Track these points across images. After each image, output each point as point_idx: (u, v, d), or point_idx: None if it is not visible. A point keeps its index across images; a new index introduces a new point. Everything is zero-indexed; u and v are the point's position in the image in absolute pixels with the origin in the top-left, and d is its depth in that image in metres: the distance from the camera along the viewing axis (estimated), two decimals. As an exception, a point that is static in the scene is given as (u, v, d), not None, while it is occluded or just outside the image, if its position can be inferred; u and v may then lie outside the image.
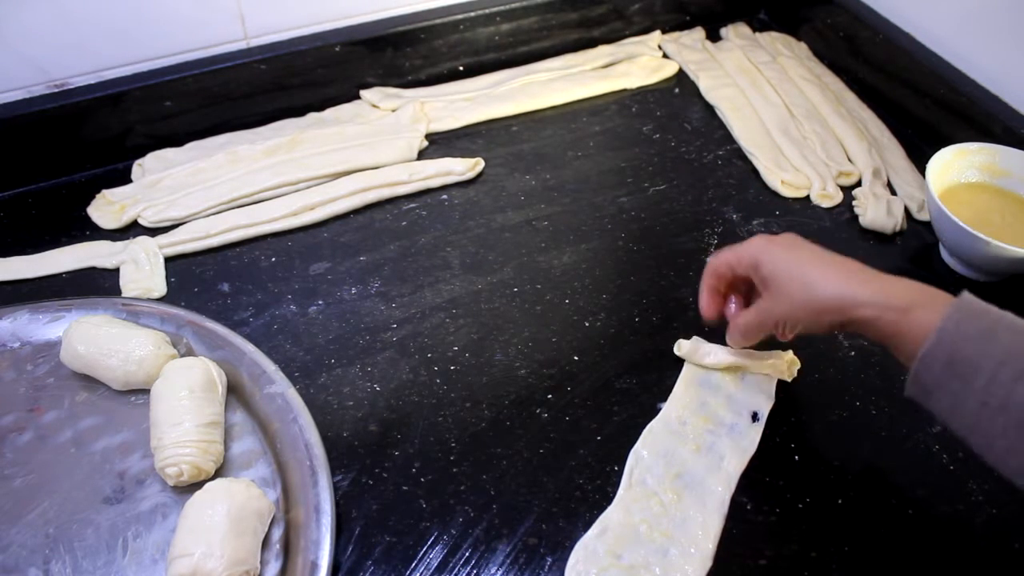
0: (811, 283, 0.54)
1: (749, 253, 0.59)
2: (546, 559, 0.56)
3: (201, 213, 0.79)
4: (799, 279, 0.55)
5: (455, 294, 0.73)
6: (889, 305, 0.51)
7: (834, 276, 0.54)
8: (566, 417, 0.64)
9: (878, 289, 0.53)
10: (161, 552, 0.55)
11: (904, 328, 0.51)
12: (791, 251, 0.57)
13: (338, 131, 0.88)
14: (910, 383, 0.51)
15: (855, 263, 0.56)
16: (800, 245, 0.58)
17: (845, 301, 0.53)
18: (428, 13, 0.93)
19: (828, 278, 0.54)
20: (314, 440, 0.59)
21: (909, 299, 0.51)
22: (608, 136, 0.91)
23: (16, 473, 0.59)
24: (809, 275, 0.55)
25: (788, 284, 0.56)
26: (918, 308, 0.50)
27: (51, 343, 0.67)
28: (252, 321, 0.71)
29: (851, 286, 0.53)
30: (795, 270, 0.55)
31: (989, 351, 0.46)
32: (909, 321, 0.50)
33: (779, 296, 0.56)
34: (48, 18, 0.78)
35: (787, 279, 0.56)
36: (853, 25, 0.97)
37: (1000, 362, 0.46)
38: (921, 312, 0.50)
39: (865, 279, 0.54)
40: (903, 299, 0.51)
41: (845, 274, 0.54)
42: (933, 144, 0.79)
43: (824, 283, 0.54)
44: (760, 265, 0.57)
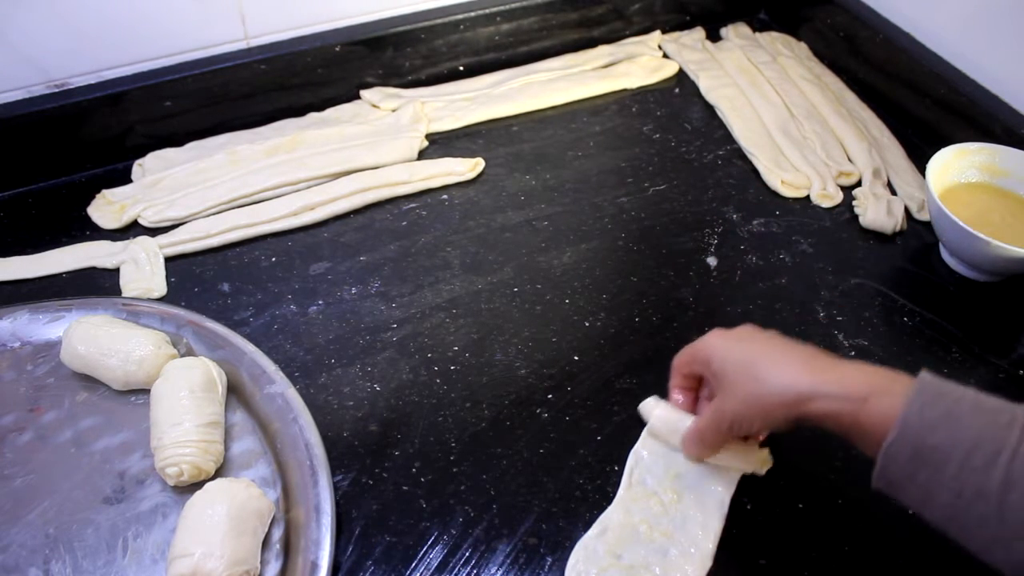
0: (760, 377, 0.51)
1: (702, 350, 0.56)
2: (546, 559, 0.56)
3: (201, 213, 0.79)
4: (748, 374, 0.52)
5: (455, 294, 0.73)
6: (845, 396, 0.48)
7: (785, 368, 0.50)
8: (566, 417, 0.64)
9: (832, 379, 0.49)
10: (161, 552, 0.55)
11: (864, 419, 0.47)
12: (743, 344, 0.54)
13: (338, 131, 0.88)
14: (876, 477, 0.46)
15: (811, 350, 0.52)
16: (753, 337, 0.55)
17: (797, 394, 0.49)
18: (428, 13, 0.93)
19: (778, 371, 0.50)
20: (314, 440, 0.59)
21: (866, 387, 0.48)
22: (608, 136, 0.91)
23: (16, 473, 0.59)
24: (758, 368, 0.51)
25: (737, 380, 0.52)
26: (876, 396, 0.47)
27: (51, 343, 0.67)
28: (252, 321, 0.71)
29: (803, 378, 0.49)
30: (744, 364, 0.52)
31: (957, 437, 0.43)
32: (868, 411, 0.47)
33: (729, 394, 0.53)
34: (48, 18, 0.78)
35: (736, 375, 0.52)
36: (853, 25, 0.97)
37: (970, 448, 0.43)
38: (880, 400, 0.47)
39: (818, 368, 0.50)
40: (860, 388, 0.48)
41: (797, 365, 0.50)
42: (933, 144, 0.79)
43: (774, 377, 0.50)
44: (711, 362, 0.55)
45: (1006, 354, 0.70)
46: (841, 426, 0.48)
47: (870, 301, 0.74)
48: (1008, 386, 0.67)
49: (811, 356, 0.52)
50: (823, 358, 0.51)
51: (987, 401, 0.45)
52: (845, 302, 0.73)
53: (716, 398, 0.54)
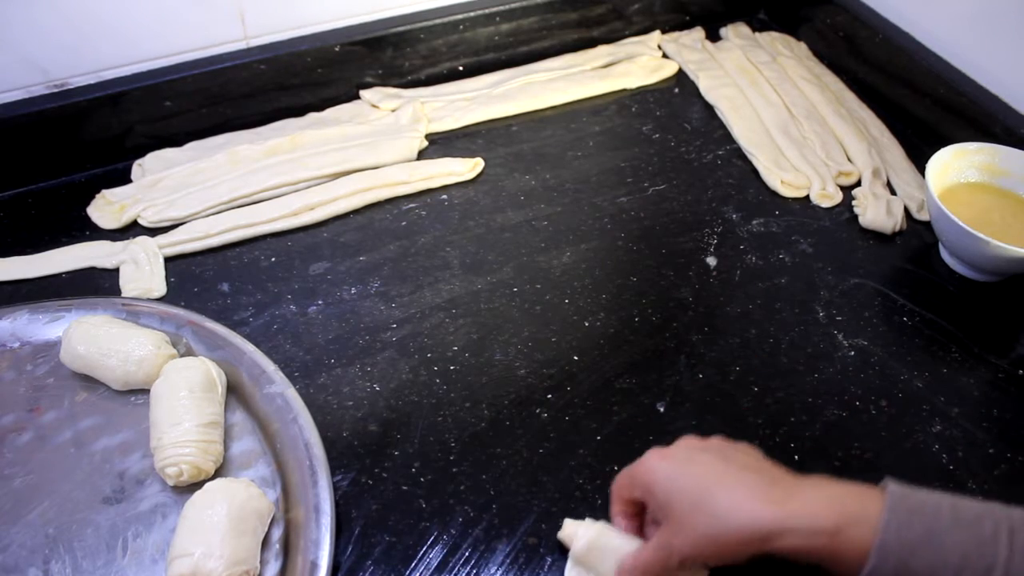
0: (715, 513, 0.46)
1: (641, 475, 0.50)
2: (546, 559, 0.56)
3: (201, 213, 0.79)
4: (700, 508, 0.46)
5: (455, 294, 0.73)
6: (816, 530, 0.44)
7: (742, 500, 0.45)
8: (566, 417, 0.64)
9: (798, 510, 0.44)
10: (161, 552, 0.55)
11: (838, 552, 0.43)
12: (689, 468, 0.48)
13: (338, 131, 0.88)
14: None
15: (766, 470, 0.48)
16: (696, 458, 0.49)
17: (760, 532, 0.44)
18: (428, 13, 0.93)
19: (735, 504, 0.45)
20: (314, 440, 0.59)
21: (836, 515, 0.44)
22: (608, 136, 0.91)
23: (16, 473, 0.59)
24: (712, 501, 0.46)
25: (687, 514, 0.47)
26: (849, 526, 0.43)
27: (51, 343, 0.67)
28: (252, 321, 0.71)
29: (765, 511, 0.45)
30: (694, 496, 0.47)
31: (941, 558, 0.41)
32: (842, 544, 0.43)
33: (678, 529, 0.47)
34: (48, 18, 0.78)
35: (686, 508, 0.47)
36: (853, 25, 0.97)
37: (957, 570, 0.41)
38: (854, 530, 0.43)
39: (780, 498, 0.45)
40: (829, 517, 0.44)
41: (755, 495, 0.46)
42: (933, 144, 0.79)
43: (731, 512, 0.45)
44: (654, 491, 0.49)
45: (1006, 354, 0.70)
46: (814, 559, 0.45)
47: (870, 301, 0.74)
48: (1007, 386, 0.67)
49: (769, 481, 0.47)
50: (783, 481, 0.47)
51: (965, 509, 0.43)
52: (845, 302, 0.73)
53: (663, 529, 0.48)
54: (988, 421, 0.65)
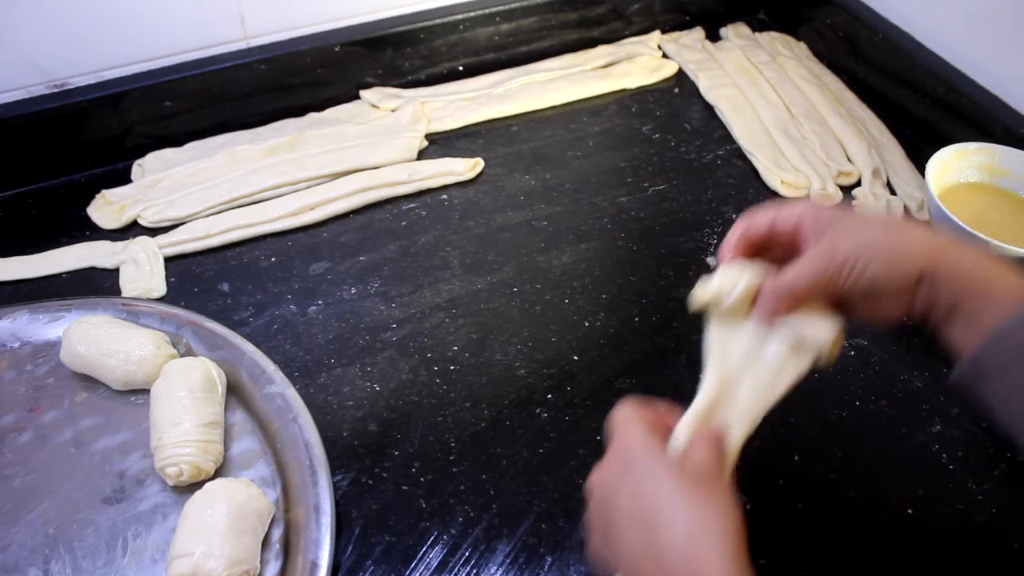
0: (888, 225, 0.47)
1: (798, 209, 0.48)
2: (546, 559, 0.56)
3: (201, 213, 0.79)
4: (871, 222, 0.46)
5: (455, 294, 0.73)
6: (982, 260, 0.43)
7: (915, 227, 0.46)
8: (566, 417, 0.64)
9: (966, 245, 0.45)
10: (161, 552, 0.55)
11: (995, 289, 0.42)
12: (850, 212, 0.48)
13: (338, 131, 0.88)
14: (970, 362, 0.43)
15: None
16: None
17: (935, 244, 0.44)
18: (428, 13, 0.93)
19: (908, 226, 0.47)
20: (314, 440, 0.59)
21: (996, 262, 0.44)
22: (608, 136, 0.91)
23: (16, 473, 0.59)
24: (882, 223, 0.47)
25: (858, 223, 0.46)
26: (1009, 272, 0.43)
27: (51, 343, 0.67)
28: (252, 321, 0.71)
29: (937, 236, 0.45)
30: (862, 219, 0.47)
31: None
32: (1000, 280, 0.42)
33: (847, 232, 0.45)
34: (48, 18, 0.78)
35: (856, 220, 0.46)
36: (853, 25, 0.97)
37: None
38: (1012, 276, 0.43)
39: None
40: (991, 261, 0.44)
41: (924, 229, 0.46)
42: (932, 144, 0.79)
43: (905, 227, 0.46)
44: (816, 218, 0.47)
45: (1006, 354, 0.70)
46: (967, 291, 0.43)
47: (870, 301, 0.74)
48: (1008, 386, 0.67)
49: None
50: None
51: None
52: (845, 302, 0.73)
53: (821, 244, 0.46)
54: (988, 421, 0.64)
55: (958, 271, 0.43)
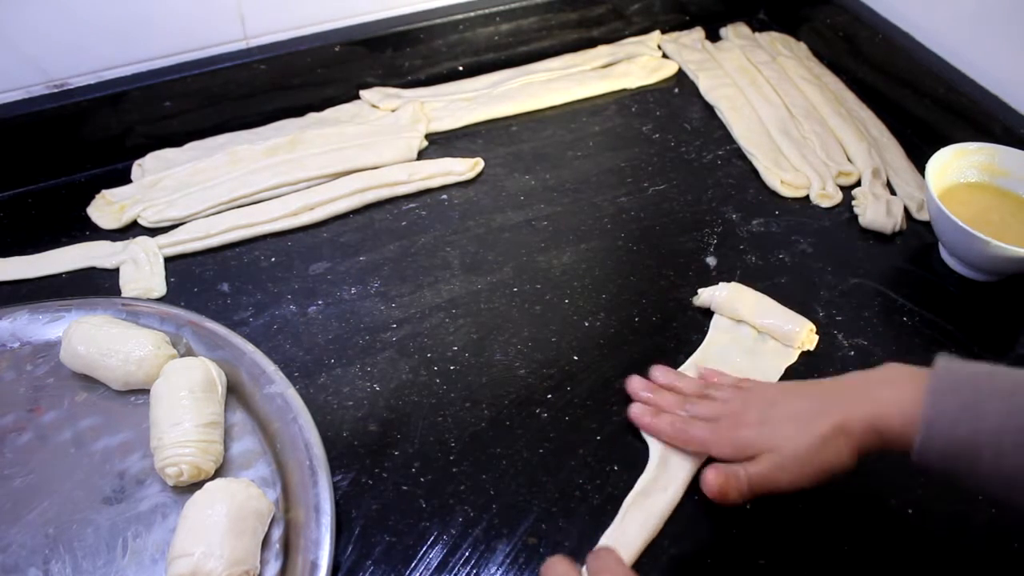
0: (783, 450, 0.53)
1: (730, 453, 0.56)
2: (546, 559, 0.56)
3: (201, 213, 0.79)
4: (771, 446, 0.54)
5: (455, 294, 0.73)
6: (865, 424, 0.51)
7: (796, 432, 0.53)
8: (566, 417, 0.64)
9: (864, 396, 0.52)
10: (161, 552, 0.55)
11: (886, 432, 0.50)
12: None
13: (338, 131, 0.88)
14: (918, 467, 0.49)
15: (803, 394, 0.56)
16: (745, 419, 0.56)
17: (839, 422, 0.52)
18: (428, 13, 0.93)
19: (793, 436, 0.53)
20: (314, 440, 0.59)
21: (871, 405, 0.51)
22: (608, 136, 0.91)
23: (16, 473, 0.59)
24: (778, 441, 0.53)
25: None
26: (885, 413, 0.50)
27: (51, 343, 0.67)
28: (252, 321, 0.71)
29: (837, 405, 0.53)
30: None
31: (981, 428, 0.45)
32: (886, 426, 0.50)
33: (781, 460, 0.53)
34: (48, 18, 0.78)
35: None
36: (853, 25, 0.97)
37: (995, 435, 0.45)
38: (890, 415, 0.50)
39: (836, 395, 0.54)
40: (865, 408, 0.51)
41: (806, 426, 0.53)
42: (932, 144, 0.79)
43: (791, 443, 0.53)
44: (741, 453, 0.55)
45: (1005, 354, 0.70)
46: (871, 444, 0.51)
47: (869, 301, 0.74)
48: (1007, 386, 0.67)
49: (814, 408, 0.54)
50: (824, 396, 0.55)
51: (1002, 378, 0.47)
52: (844, 302, 0.73)
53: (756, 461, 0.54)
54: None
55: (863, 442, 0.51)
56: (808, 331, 0.69)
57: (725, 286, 0.71)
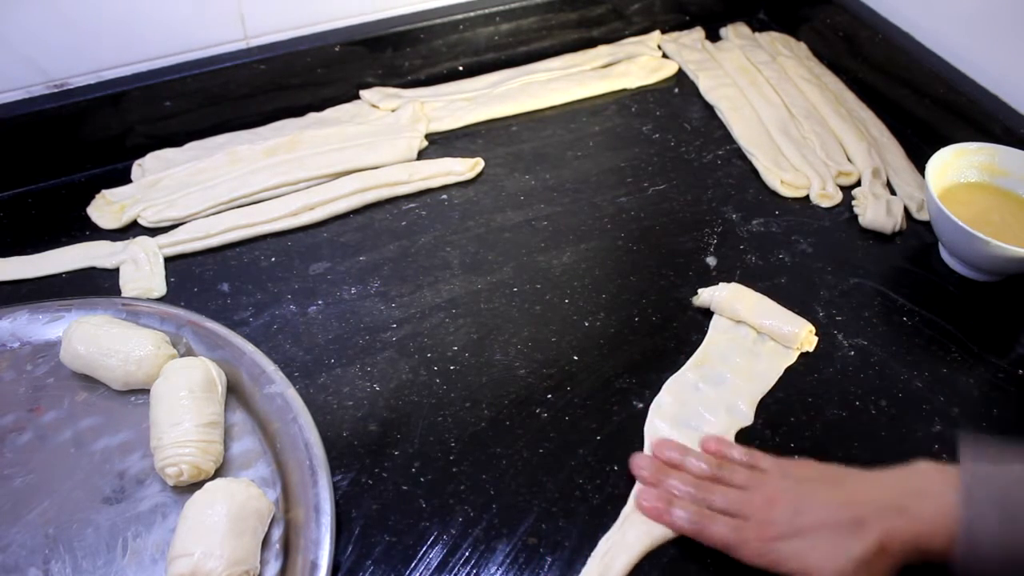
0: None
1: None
2: (546, 559, 0.56)
3: (201, 213, 0.79)
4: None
5: (455, 294, 0.73)
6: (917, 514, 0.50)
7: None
8: (566, 417, 0.64)
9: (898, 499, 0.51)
10: (161, 552, 0.55)
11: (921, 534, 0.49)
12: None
13: (338, 131, 0.88)
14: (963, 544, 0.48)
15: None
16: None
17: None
18: (428, 13, 0.93)
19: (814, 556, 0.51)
20: (314, 440, 0.59)
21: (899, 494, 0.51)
22: (608, 136, 0.91)
23: (16, 473, 0.59)
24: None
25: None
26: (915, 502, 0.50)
27: (51, 343, 0.67)
28: (252, 321, 0.71)
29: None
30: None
31: (1020, 540, 0.45)
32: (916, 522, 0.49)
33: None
34: (48, 18, 0.78)
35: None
36: (853, 25, 0.97)
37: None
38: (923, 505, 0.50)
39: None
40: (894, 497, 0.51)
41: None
42: (932, 144, 0.79)
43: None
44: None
45: (1005, 354, 0.70)
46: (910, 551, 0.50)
47: (869, 301, 0.74)
48: (1007, 386, 0.67)
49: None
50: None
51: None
52: (844, 302, 0.73)
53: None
54: (988, 421, 0.65)
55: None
56: (808, 332, 0.69)
57: (725, 286, 0.71)
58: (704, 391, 0.65)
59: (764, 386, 0.66)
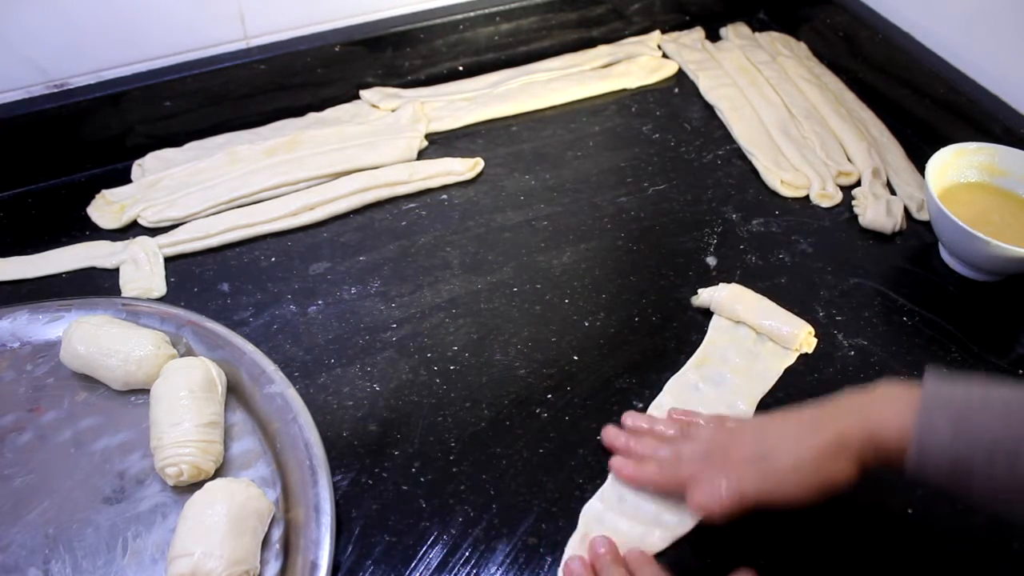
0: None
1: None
2: (546, 559, 0.56)
3: (201, 213, 0.79)
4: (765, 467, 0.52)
5: (455, 294, 0.73)
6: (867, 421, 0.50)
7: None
8: (566, 417, 0.64)
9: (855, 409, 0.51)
10: (161, 552, 0.55)
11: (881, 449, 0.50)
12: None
13: (338, 131, 0.88)
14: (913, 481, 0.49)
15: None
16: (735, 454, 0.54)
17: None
18: (428, 13, 0.93)
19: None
20: (314, 440, 0.59)
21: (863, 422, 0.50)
22: (608, 136, 0.91)
23: (16, 473, 0.59)
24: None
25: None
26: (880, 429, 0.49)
27: (51, 343, 0.67)
28: (252, 321, 0.71)
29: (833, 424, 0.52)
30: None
31: (973, 443, 0.45)
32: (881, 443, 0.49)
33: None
34: (48, 18, 0.78)
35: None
36: (853, 25, 0.97)
37: (987, 452, 0.45)
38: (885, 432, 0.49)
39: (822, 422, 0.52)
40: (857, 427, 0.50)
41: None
42: (932, 144, 0.79)
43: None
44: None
45: (1005, 354, 0.70)
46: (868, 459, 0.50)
47: (869, 301, 0.74)
48: (1007, 386, 0.67)
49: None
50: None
51: (995, 396, 0.46)
52: (844, 302, 0.73)
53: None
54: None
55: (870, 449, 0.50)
56: (807, 334, 0.69)
57: (724, 287, 0.71)
58: (704, 391, 0.65)
59: (764, 386, 0.66)
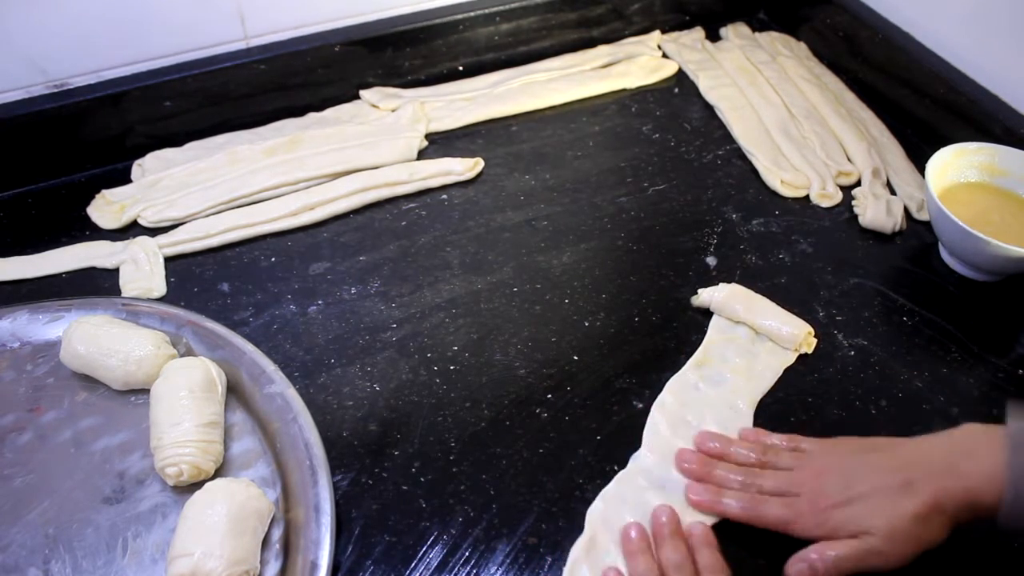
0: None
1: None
2: (546, 559, 0.56)
3: (201, 213, 0.79)
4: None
5: (455, 294, 0.73)
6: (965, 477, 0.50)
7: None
8: (566, 417, 0.64)
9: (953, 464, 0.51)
10: (161, 552, 0.55)
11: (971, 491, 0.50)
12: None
13: (338, 131, 0.88)
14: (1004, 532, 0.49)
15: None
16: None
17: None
18: (428, 13, 0.93)
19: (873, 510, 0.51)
20: (314, 440, 0.59)
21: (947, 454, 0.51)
22: (608, 136, 0.91)
23: (16, 473, 0.59)
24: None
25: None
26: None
27: (51, 343, 0.67)
28: (252, 321, 0.71)
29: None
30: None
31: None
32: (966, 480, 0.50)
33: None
34: (48, 18, 0.78)
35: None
36: (853, 25, 0.97)
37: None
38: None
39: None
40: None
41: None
42: (933, 144, 0.79)
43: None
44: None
45: (1005, 354, 0.70)
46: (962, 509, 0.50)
47: (869, 301, 0.74)
48: (1007, 386, 0.67)
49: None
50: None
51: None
52: (844, 302, 0.73)
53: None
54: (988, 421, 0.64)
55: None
56: (807, 334, 0.69)
57: (724, 287, 0.71)
58: (704, 391, 0.65)
59: (764, 386, 0.66)
